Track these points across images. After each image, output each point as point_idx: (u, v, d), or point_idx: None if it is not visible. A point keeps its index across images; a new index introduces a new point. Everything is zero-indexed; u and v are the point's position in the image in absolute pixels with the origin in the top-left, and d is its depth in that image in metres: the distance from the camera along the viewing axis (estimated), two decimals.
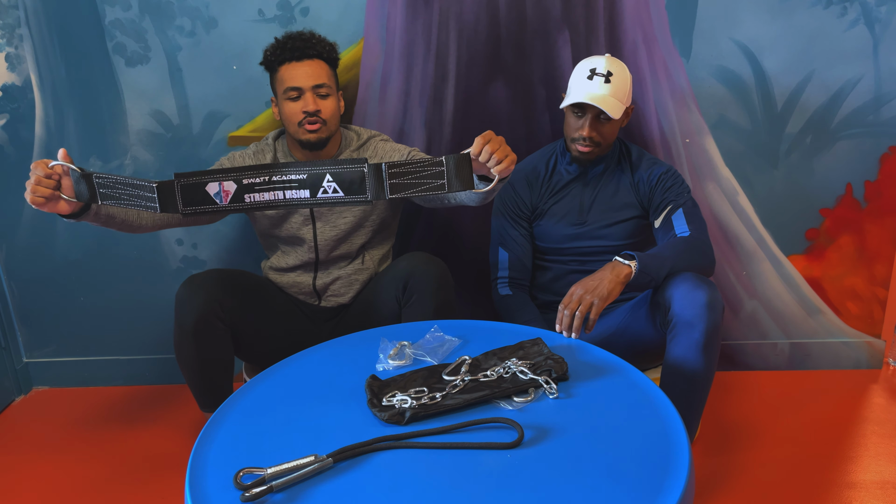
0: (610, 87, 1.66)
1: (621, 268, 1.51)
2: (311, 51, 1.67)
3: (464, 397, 1.16)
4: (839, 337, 2.25)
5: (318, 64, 1.68)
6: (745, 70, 1.99)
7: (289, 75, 1.67)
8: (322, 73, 1.68)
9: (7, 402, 2.24)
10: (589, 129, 1.68)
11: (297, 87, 1.66)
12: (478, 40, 1.96)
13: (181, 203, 1.32)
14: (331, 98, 1.70)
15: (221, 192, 1.33)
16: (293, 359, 1.38)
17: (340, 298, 1.84)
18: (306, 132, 1.68)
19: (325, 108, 1.68)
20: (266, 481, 0.97)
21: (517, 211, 1.84)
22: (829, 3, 1.92)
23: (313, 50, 1.68)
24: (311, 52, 1.67)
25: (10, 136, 2.08)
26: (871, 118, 2.03)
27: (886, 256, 2.16)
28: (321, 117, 1.67)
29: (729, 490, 1.70)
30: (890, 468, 1.77)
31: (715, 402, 2.07)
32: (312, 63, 1.68)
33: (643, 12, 1.94)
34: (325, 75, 1.69)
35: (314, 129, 1.67)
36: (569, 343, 1.40)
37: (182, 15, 1.95)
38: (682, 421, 1.10)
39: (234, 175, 1.33)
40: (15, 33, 1.98)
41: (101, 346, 2.30)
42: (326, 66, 1.71)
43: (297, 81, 1.66)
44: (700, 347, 1.48)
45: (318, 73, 1.67)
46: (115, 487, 1.80)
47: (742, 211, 2.12)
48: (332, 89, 1.70)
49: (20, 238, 2.18)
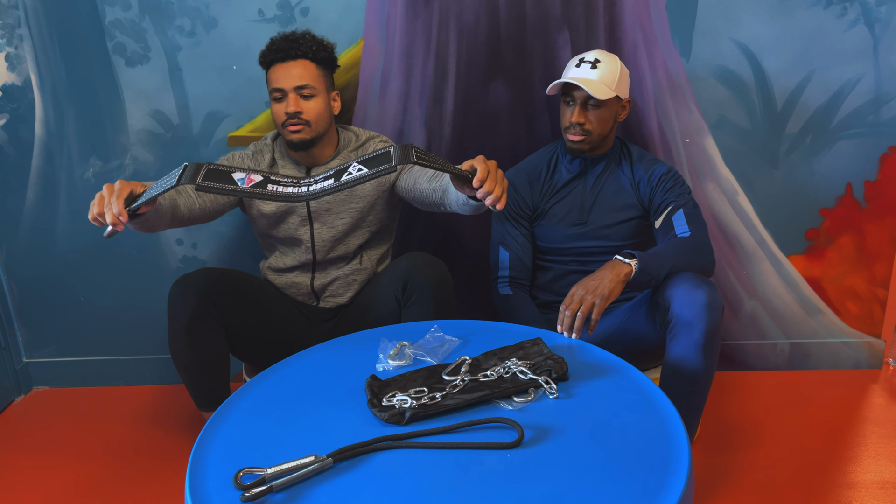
0: (596, 72, 1.69)
1: (621, 267, 1.51)
2: (295, 51, 1.66)
3: (464, 397, 1.16)
4: (839, 337, 2.25)
5: (303, 64, 1.67)
6: (745, 70, 1.99)
7: (275, 76, 1.68)
8: (306, 74, 1.67)
9: (7, 402, 2.24)
10: (578, 114, 1.70)
11: (280, 87, 1.66)
12: (478, 40, 1.96)
13: (201, 178, 1.28)
14: (316, 99, 1.68)
15: (246, 179, 1.31)
16: (293, 359, 1.38)
17: (339, 299, 1.84)
18: (289, 133, 1.68)
19: (307, 109, 1.67)
20: (266, 481, 0.97)
21: (518, 210, 1.84)
22: (829, 3, 1.92)
23: (298, 50, 1.67)
24: (295, 52, 1.67)
25: (10, 136, 2.08)
26: (871, 118, 2.03)
27: (886, 256, 2.16)
28: (303, 118, 1.66)
29: (729, 490, 1.70)
30: (890, 468, 1.77)
31: (715, 402, 2.07)
32: (297, 64, 1.67)
33: (643, 12, 1.94)
34: (311, 76, 1.68)
35: (295, 129, 1.67)
36: (569, 343, 1.40)
37: (182, 15, 1.95)
38: (682, 421, 1.10)
39: (264, 172, 1.33)
40: (15, 33, 1.98)
41: (101, 346, 2.30)
42: (313, 67, 1.69)
43: (280, 83, 1.66)
44: (700, 347, 1.48)
45: (301, 74, 1.66)
46: (115, 487, 1.80)
47: (742, 211, 2.12)
48: (317, 90, 1.68)
49: (20, 238, 2.18)
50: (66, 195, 2.13)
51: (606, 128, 1.74)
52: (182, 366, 1.69)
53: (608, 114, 1.72)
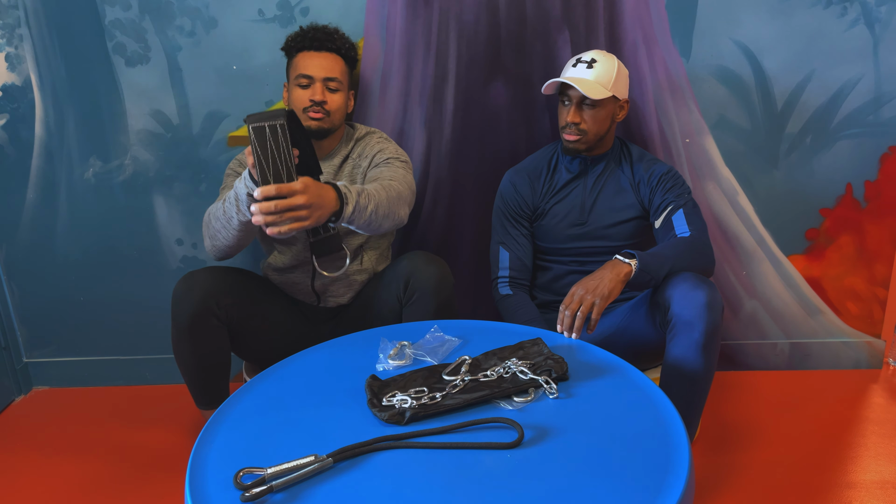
0: (592, 72, 1.69)
1: (621, 266, 1.51)
2: (329, 44, 1.72)
3: (464, 397, 1.16)
4: (839, 337, 2.25)
5: (333, 58, 1.73)
6: (745, 70, 1.99)
7: (303, 63, 1.71)
8: (335, 68, 1.72)
9: (7, 402, 2.24)
10: (573, 114, 1.70)
11: (308, 75, 1.69)
12: (478, 40, 1.96)
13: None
14: (339, 93, 1.72)
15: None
16: (293, 359, 1.38)
17: (340, 299, 1.84)
18: (308, 119, 1.70)
19: (331, 100, 1.71)
20: (266, 481, 0.97)
21: (518, 210, 1.84)
22: (829, 3, 1.92)
23: (332, 44, 1.73)
24: (329, 45, 1.72)
25: (10, 136, 2.08)
26: (871, 118, 2.03)
27: (886, 256, 2.16)
28: (326, 109, 1.70)
29: (729, 490, 1.70)
30: (890, 468, 1.77)
31: (715, 402, 2.07)
32: (329, 56, 1.72)
33: (643, 12, 1.94)
34: (339, 70, 1.73)
35: (317, 117, 1.69)
36: (569, 343, 1.40)
37: (182, 15, 1.95)
38: (682, 421, 1.10)
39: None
40: (15, 33, 1.98)
41: (101, 346, 2.30)
42: (342, 62, 1.75)
43: (310, 70, 1.70)
44: (700, 347, 1.48)
45: (331, 67, 1.71)
46: (115, 487, 1.80)
47: (742, 211, 2.12)
48: (342, 85, 1.73)
49: (20, 238, 2.18)
50: (66, 195, 2.13)
51: (602, 128, 1.74)
52: (183, 363, 1.69)
53: (604, 114, 1.72)
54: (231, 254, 1.65)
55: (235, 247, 1.62)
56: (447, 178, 2.09)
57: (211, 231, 1.61)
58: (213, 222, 1.59)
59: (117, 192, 2.12)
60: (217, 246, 1.63)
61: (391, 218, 1.57)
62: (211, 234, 1.61)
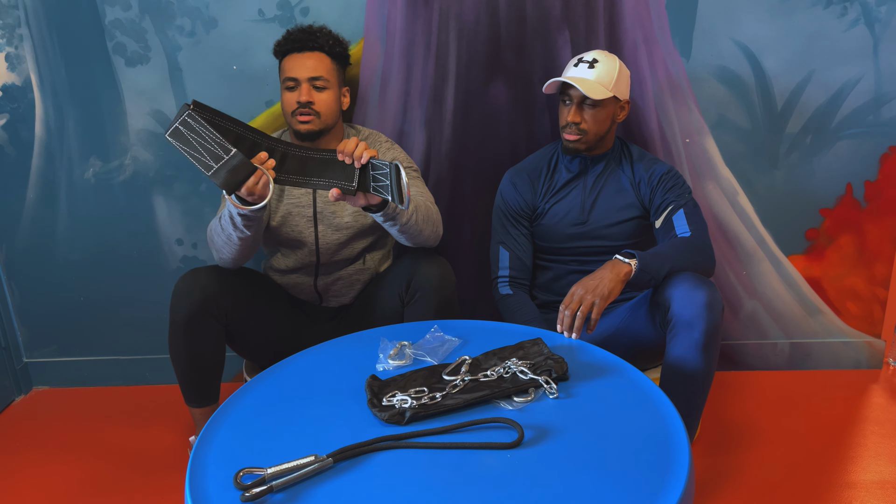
0: (594, 72, 1.69)
1: (621, 266, 1.51)
2: (312, 43, 1.70)
3: (464, 397, 1.16)
4: (839, 337, 2.25)
5: (318, 57, 1.71)
6: (745, 70, 1.99)
7: (289, 66, 1.70)
8: (320, 66, 1.70)
9: (7, 402, 2.24)
10: (573, 113, 1.70)
11: (293, 77, 1.69)
12: (478, 40, 1.96)
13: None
14: (328, 91, 1.71)
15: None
16: (293, 359, 1.38)
17: (342, 299, 1.84)
18: (298, 122, 1.70)
19: (319, 100, 1.69)
20: (266, 481, 0.97)
21: (518, 210, 1.84)
22: (829, 3, 1.92)
23: (315, 43, 1.71)
24: (311, 44, 1.70)
25: (10, 136, 2.08)
26: (871, 118, 2.03)
27: (886, 256, 2.16)
28: (314, 109, 1.69)
29: (729, 490, 1.70)
30: (890, 468, 1.77)
31: (715, 402, 2.07)
32: (313, 55, 1.70)
33: (643, 12, 1.94)
34: (324, 69, 1.71)
35: (305, 120, 1.69)
36: (569, 343, 1.40)
37: (182, 15, 1.95)
38: (682, 421, 1.10)
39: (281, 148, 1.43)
40: (15, 33, 1.98)
41: (101, 346, 2.30)
42: (328, 60, 1.72)
43: (294, 72, 1.69)
44: (700, 347, 1.48)
45: (315, 66, 1.69)
46: (115, 487, 1.80)
47: (742, 211, 2.12)
48: (330, 83, 1.71)
49: (20, 238, 2.18)
50: (66, 195, 2.13)
51: (603, 128, 1.74)
52: (177, 360, 1.70)
53: (605, 114, 1.72)
54: (240, 263, 1.69)
55: (242, 258, 1.66)
56: (447, 178, 2.09)
57: (216, 246, 1.66)
58: (215, 238, 1.63)
59: (117, 192, 2.12)
60: (224, 259, 1.67)
61: (429, 229, 1.65)
62: (216, 248, 1.66)
